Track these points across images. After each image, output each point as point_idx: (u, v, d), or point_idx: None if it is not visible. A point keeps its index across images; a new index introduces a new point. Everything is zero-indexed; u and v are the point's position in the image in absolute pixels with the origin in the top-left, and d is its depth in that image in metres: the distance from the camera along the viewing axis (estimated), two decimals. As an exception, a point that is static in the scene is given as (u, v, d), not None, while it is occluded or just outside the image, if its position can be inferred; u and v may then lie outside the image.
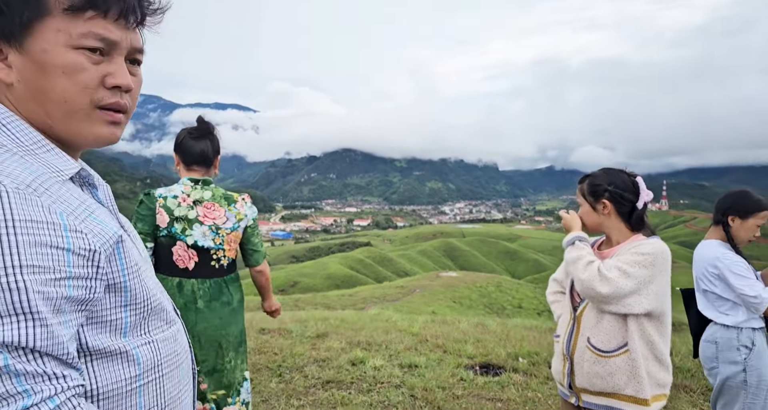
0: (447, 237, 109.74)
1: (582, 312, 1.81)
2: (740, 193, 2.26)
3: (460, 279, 38.14)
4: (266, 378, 3.64)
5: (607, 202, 1.80)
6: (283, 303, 16.07)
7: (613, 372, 1.70)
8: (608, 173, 1.85)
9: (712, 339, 2.21)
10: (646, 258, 1.68)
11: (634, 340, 1.70)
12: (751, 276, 2.12)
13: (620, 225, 1.83)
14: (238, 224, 2.03)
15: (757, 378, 2.08)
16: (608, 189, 1.80)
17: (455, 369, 4.10)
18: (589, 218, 1.85)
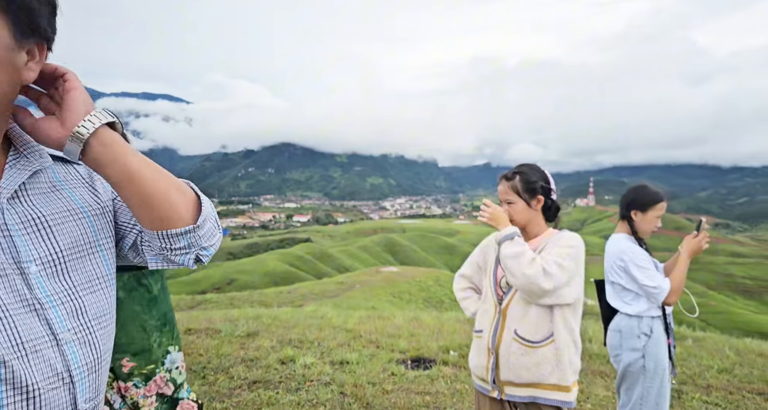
0: (387, 232, 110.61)
1: (508, 305, 1.82)
2: (639, 187, 2.37)
3: (400, 273, 38.57)
4: (188, 381, 3.44)
5: (541, 197, 1.85)
6: (218, 302, 15.48)
7: (540, 362, 1.73)
8: (535, 169, 1.89)
9: (617, 328, 2.32)
10: (573, 251, 1.75)
11: (559, 330, 1.76)
12: (653, 268, 2.24)
13: (540, 218, 1.89)
14: None
15: (654, 363, 2.21)
16: (542, 185, 1.86)
17: (387, 364, 4.10)
18: (524, 215, 1.87)
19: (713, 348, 4.99)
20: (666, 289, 2.17)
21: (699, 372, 4.12)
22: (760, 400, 3.54)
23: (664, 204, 2.29)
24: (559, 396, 1.74)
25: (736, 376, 4.05)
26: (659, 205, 2.28)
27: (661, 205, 2.28)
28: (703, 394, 3.63)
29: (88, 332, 0.75)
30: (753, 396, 3.62)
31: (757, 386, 3.82)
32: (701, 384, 3.86)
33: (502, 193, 1.90)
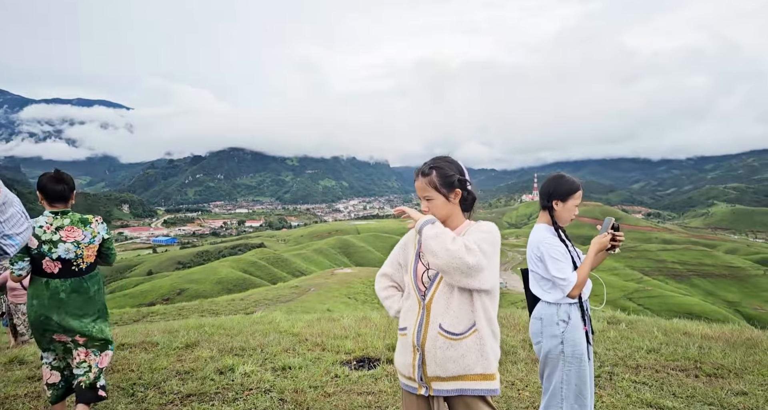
0: (342, 234, 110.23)
1: (431, 299, 1.81)
2: (557, 177, 2.43)
3: (355, 275, 38.49)
4: (114, 401, 3.24)
5: (459, 190, 1.84)
6: (165, 313, 14.83)
7: (465, 354, 1.74)
8: (451, 162, 1.87)
9: (538, 315, 2.38)
10: (490, 236, 1.77)
11: (480, 319, 1.77)
12: (565, 261, 2.29)
13: (459, 211, 1.89)
14: (94, 239, 2.86)
15: (572, 348, 2.28)
16: (459, 178, 1.84)
17: (331, 366, 4.04)
18: (444, 209, 1.85)
19: (644, 330, 5.26)
20: (573, 282, 2.24)
21: (629, 354, 4.33)
22: (683, 376, 3.76)
23: (581, 193, 2.37)
24: (486, 385, 1.75)
25: (662, 355, 4.28)
26: (577, 193, 2.36)
27: (579, 194, 2.36)
28: (633, 374, 3.81)
29: None
30: (677, 372, 3.84)
31: (681, 363, 4.06)
32: (631, 364, 4.05)
33: (420, 189, 1.86)
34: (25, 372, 3.97)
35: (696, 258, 71.46)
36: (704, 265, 68.42)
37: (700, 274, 65.85)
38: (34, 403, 3.27)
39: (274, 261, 77.50)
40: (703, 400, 3.27)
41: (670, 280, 63.90)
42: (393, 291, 2.05)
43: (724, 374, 3.78)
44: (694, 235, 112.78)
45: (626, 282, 56.27)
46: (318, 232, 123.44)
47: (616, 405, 3.22)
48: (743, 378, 3.67)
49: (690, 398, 3.32)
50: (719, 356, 4.18)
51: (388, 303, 2.03)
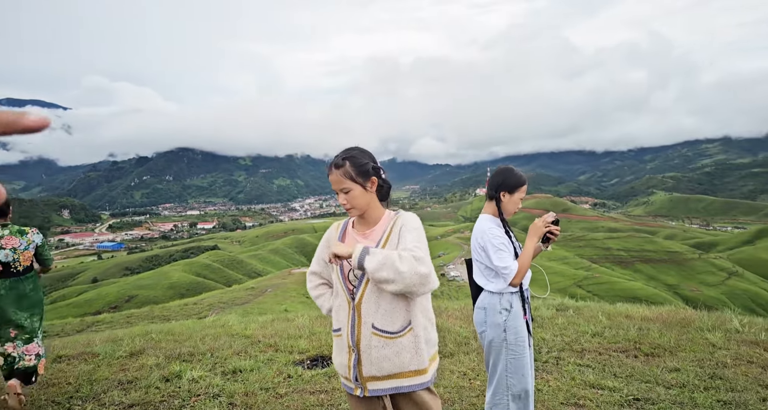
0: (299, 233, 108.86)
1: (360, 299, 1.76)
2: (506, 170, 2.48)
3: (313, 274, 38.08)
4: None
5: (375, 178, 1.80)
6: (112, 322, 14.13)
7: (400, 352, 1.73)
8: (363, 151, 1.84)
9: (481, 305, 2.42)
10: (421, 232, 1.77)
11: (416, 316, 1.76)
12: (507, 251, 2.34)
13: (377, 201, 1.85)
14: (29, 246, 3.35)
15: (515, 336, 2.34)
16: (373, 166, 1.81)
17: (284, 366, 3.97)
18: (363, 199, 1.80)
19: (589, 315, 5.49)
20: (514, 270, 2.29)
21: (575, 339, 4.50)
22: (623, 357, 3.95)
23: (526, 187, 2.44)
24: (418, 381, 1.76)
25: (605, 338, 4.47)
26: (524, 187, 2.42)
27: (525, 188, 2.43)
28: (578, 358, 3.96)
29: None
30: (618, 354, 4.03)
31: (622, 345, 4.26)
32: (576, 348, 4.21)
33: (336, 182, 1.79)
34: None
35: (639, 245, 75.47)
36: (646, 251, 72.37)
37: (643, 260, 69.63)
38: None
39: (229, 263, 75.57)
40: (641, 378, 3.45)
41: (615, 267, 67.20)
42: (324, 289, 2.01)
43: (660, 353, 4.00)
44: (637, 223, 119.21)
45: (576, 270, 58.69)
46: (274, 232, 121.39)
47: (561, 388, 3.33)
48: (677, 356, 3.90)
49: (629, 377, 3.49)
50: (656, 336, 4.42)
51: (320, 301, 1.99)
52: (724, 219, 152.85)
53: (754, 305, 47.91)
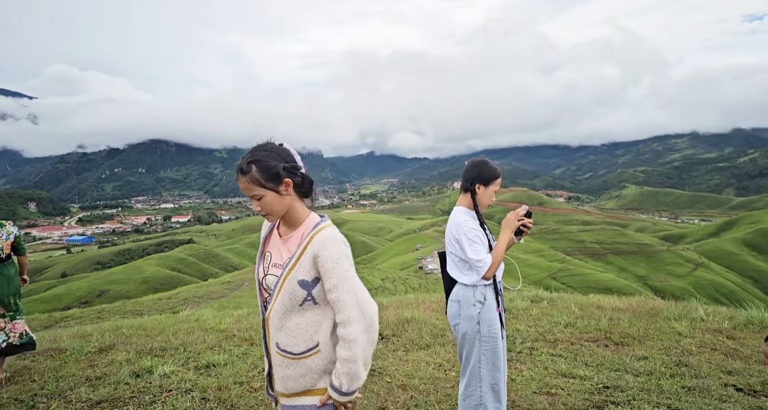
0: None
1: (269, 315, 1.61)
2: (482, 162, 2.47)
3: (290, 267, 37.83)
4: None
5: (289, 179, 1.59)
6: (82, 318, 13.73)
7: (305, 373, 1.58)
8: (270, 150, 1.61)
9: (455, 298, 2.43)
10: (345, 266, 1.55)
11: (326, 336, 1.60)
12: (481, 243, 2.34)
13: (297, 201, 1.64)
14: (9, 236, 3.86)
15: (488, 328, 2.35)
16: (285, 166, 1.59)
17: (258, 360, 3.92)
18: (279, 205, 1.60)
19: (563, 306, 5.59)
20: (488, 263, 2.29)
21: (549, 329, 4.58)
22: (594, 346, 4.03)
23: (501, 180, 2.44)
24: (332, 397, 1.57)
25: (578, 328, 4.57)
26: (498, 180, 2.42)
27: (499, 181, 2.43)
28: (550, 348, 4.03)
29: None
30: (589, 343, 4.12)
31: (594, 334, 4.36)
32: (550, 339, 4.29)
33: (245, 190, 1.60)
34: None
35: (611, 237, 77.33)
36: (618, 244, 74.23)
37: (615, 252, 71.43)
38: None
39: (205, 257, 74.50)
40: (610, 367, 3.53)
41: (588, 259, 68.75)
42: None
43: (629, 342, 4.10)
44: (609, 216, 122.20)
45: (551, 262, 59.81)
46: (251, 225, 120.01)
47: (534, 377, 3.39)
48: (645, 344, 4.01)
49: (599, 366, 3.57)
50: (626, 326, 4.53)
51: None
52: (691, 212, 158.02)
53: (718, 295, 49.75)
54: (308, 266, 1.55)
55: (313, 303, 1.57)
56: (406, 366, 3.74)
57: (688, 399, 2.94)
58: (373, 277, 38.47)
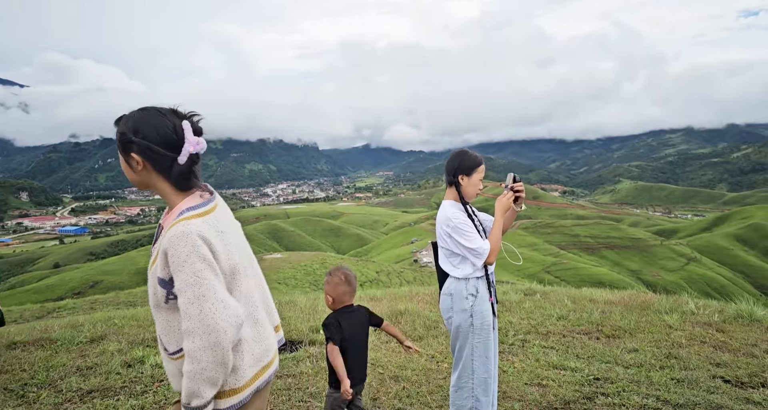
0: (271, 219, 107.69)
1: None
2: (461, 153, 2.45)
3: (285, 260, 37.84)
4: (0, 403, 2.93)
5: (136, 156, 1.38)
6: (75, 308, 13.67)
7: (175, 374, 1.46)
8: (129, 117, 1.42)
9: (447, 291, 2.42)
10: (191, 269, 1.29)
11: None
12: (473, 232, 2.33)
13: (167, 184, 1.42)
14: None
15: (481, 320, 2.35)
16: (133, 139, 1.37)
17: (251, 351, 3.92)
18: (131, 176, 1.44)
19: (555, 299, 5.62)
20: (487, 249, 2.29)
21: (541, 322, 4.60)
22: (586, 339, 4.06)
23: (484, 167, 2.41)
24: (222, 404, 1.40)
25: (570, 321, 4.59)
26: (481, 167, 2.40)
27: (482, 168, 2.40)
28: (543, 340, 4.05)
29: None
30: (581, 336, 4.14)
31: (586, 327, 4.38)
32: (542, 331, 4.31)
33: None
34: None
35: (605, 231, 77.80)
36: (612, 238, 74.70)
37: (608, 246, 71.91)
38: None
39: (199, 248, 74.12)
40: (601, 359, 3.56)
41: (582, 253, 69.18)
42: None
43: (620, 334, 4.13)
44: (603, 210, 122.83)
45: (545, 256, 60.14)
46: (246, 217, 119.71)
47: (526, 369, 3.41)
48: (636, 337, 4.04)
49: (590, 358, 3.59)
50: (618, 319, 4.56)
51: None
52: (684, 207, 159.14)
53: (709, 289, 50.28)
54: (162, 263, 1.34)
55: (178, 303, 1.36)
56: (399, 357, 3.76)
57: (677, 391, 2.96)
58: (368, 270, 38.54)
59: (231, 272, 1.41)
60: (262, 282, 1.67)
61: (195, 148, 1.40)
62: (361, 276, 36.36)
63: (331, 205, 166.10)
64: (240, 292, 1.46)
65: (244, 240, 1.59)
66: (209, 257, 1.32)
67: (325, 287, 2.30)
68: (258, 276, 1.64)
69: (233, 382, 1.41)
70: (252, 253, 1.65)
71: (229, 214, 1.57)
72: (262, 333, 1.52)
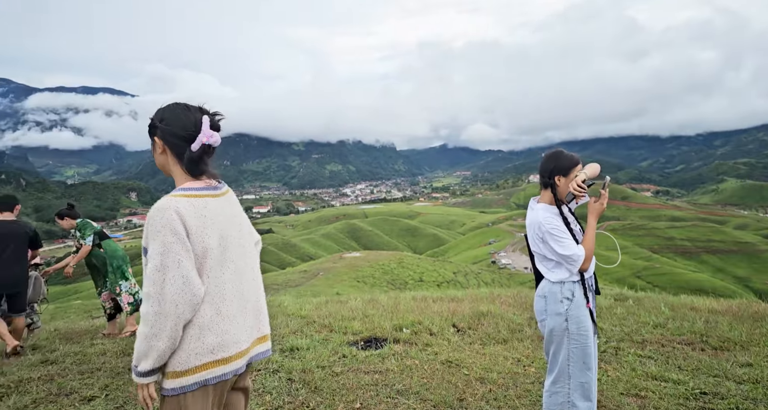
0: (350, 218, 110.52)
1: None
2: (557, 154, 2.39)
3: (363, 258, 38.70)
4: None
5: (159, 140, 1.61)
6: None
7: None
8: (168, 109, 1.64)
9: (542, 293, 2.37)
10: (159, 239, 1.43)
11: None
12: (568, 237, 2.26)
13: (180, 169, 1.62)
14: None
15: (577, 325, 2.27)
16: (158, 125, 1.61)
17: (338, 346, 4.09)
18: (156, 158, 1.66)
19: (650, 306, 5.26)
20: (582, 256, 2.21)
21: (636, 329, 4.34)
22: (688, 349, 3.77)
23: (581, 165, 2.34)
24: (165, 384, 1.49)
25: (668, 330, 4.28)
26: (578, 167, 2.32)
27: (580, 167, 2.33)
28: (638, 349, 3.82)
29: None
30: (683, 346, 3.85)
31: (687, 337, 4.06)
32: (637, 339, 4.06)
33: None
34: (38, 357, 4.06)
35: (705, 234, 71.00)
36: (713, 242, 67.99)
37: (710, 251, 65.52)
38: (47, 386, 3.35)
39: (283, 246, 77.99)
40: (708, 372, 3.28)
41: (678, 257, 63.68)
42: None
43: (729, 347, 3.78)
44: (703, 212, 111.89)
45: (635, 260, 56.12)
46: (326, 217, 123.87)
47: (621, 378, 3.23)
48: (749, 350, 3.68)
49: (695, 370, 3.33)
50: (726, 329, 4.18)
51: None
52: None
53: (837, 302, 44.09)
54: (144, 233, 1.50)
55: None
56: (484, 359, 3.73)
57: (802, 414, 2.67)
58: (445, 270, 38.30)
59: (202, 254, 1.50)
60: (252, 283, 1.69)
61: (208, 140, 1.58)
62: (438, 277, 36.23)
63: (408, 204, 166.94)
64: (208, 277, 1.52)
65: (237, 234, 1.66)
66: (181, 233, 1.44)
67: None
68: (241, 273, 1.65)
69: (175, 364, 1.46)
70: (250, 254, 1.72)
71: (233, 209, 1.69)
72: (222, 327, 1.53)
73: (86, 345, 4.49)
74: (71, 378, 3.50)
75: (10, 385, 3.37)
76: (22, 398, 3.14)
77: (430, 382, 3.28)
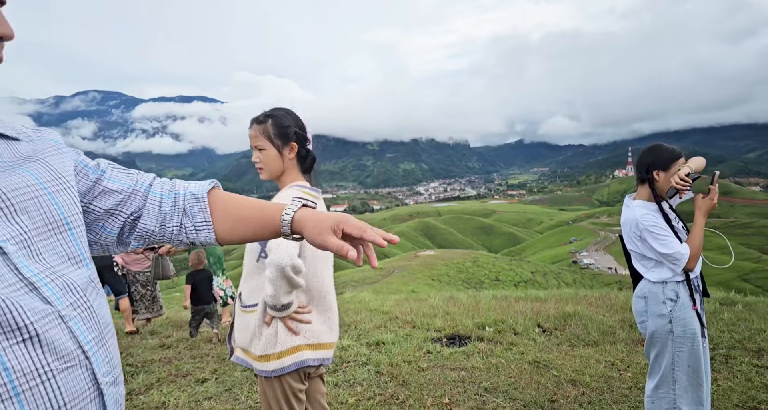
0: (423, 216, 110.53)
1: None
2: (655, 147, 2.24)
3: (438, 257, 38.58)
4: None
5: (295, 144, 1.69)
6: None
7: (245, 328, 1.63)
8: (289, 114, 1.72)
9: (641, 294, 2.23)
10: None
11: (262, 298, 1.60)
12: (669, 235, 2.11)
13: (296, 171, 1.73)
14: None
15: (682, 328, 2.12)
16: (296, 131, 1.69)
17: (422, 342, 4.13)
18: (275, 164, 1.70)
19: (765, 312, 4.77)
20: (686, 254, 2.07)
21: (749, 336, 3.96)
22: (815, 362, 3.38)
23: (683, 159, 2.18)
24: (258, 366, 1.59)
25: (789, 339, 3.86)
26: (680, 160, 2.16)
27: (682, 161, 2.17)
28: (754, 358, 3.48)
29: (86, 306, 0.71)
30: (807, 358, 3.46)
31: (813, 348, 3.64)
32: (751, 348, 3.70)
33: (253, 137, 1.70)
34: (156, 341, 4.52)
35: (827, 234, 62.66)
36: (839, 242, 59.84)
37: (835, 252, 57.69)
38: (167, 367, 3.73)
39: (359, 244, 79.48)
40: (841, 388, 2.93)
41: (794, 259, 56.71)
42: None
43: None
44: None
45: (741, 261, 50.86)
46: (400, 215, 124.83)
47: (735, 389, 2.97)
48: None
49: (825, 385, 2.98)
50: None
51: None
52: None
53: None
54: None
55: (265, 260, 1.56)
56: (574, 361, 3.59)
57: None
58: (523, 270, 37.16)
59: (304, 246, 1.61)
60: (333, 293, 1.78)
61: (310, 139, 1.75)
62: (515, 276, 35.23)
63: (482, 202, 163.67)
64: (305, 258, 1.62)
65: None
66: None
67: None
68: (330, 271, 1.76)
69: (270, 347, 1.57)
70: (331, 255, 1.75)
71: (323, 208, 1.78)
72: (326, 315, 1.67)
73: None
74: (186, 362, 3.87)
75: (137, 365, 3.82)
76: (148, 376, 3.55)
77: (518, 382, 3.22)
